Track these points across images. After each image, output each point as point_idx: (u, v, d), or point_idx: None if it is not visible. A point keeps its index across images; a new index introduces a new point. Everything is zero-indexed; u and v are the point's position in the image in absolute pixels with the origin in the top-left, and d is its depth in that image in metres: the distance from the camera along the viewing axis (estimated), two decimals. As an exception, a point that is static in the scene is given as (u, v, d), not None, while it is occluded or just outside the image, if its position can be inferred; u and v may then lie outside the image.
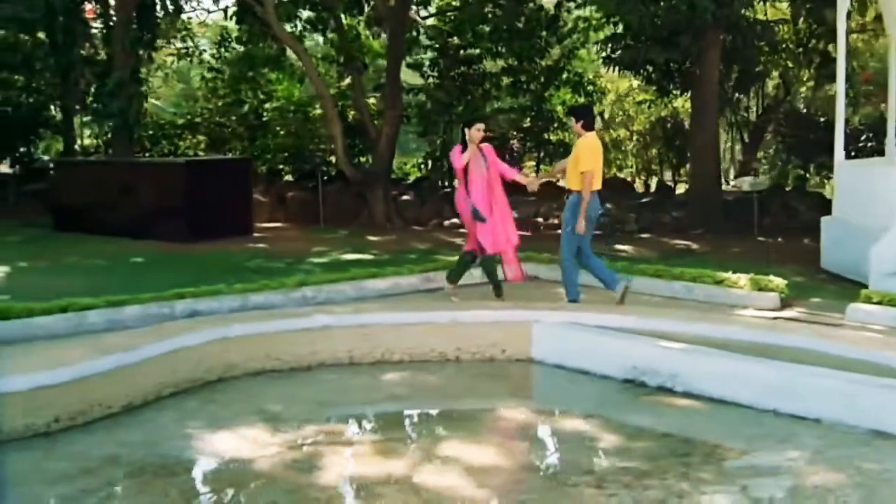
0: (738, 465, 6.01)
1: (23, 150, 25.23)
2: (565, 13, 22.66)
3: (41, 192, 22.74)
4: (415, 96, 23.71)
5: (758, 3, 22.32)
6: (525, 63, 22.87)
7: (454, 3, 23.66)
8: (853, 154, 16.20)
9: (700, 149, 19.72)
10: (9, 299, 10.11)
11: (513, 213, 10.84)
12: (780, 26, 23.04)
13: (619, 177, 26.15)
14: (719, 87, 19.90)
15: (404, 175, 26.19)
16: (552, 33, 22.32)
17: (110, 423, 6.64)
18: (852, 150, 15.81)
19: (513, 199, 18.27)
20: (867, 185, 12.90)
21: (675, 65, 19.76)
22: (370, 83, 24.77)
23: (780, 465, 5.91)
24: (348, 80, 24.04)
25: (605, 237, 17.79)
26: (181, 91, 34.62)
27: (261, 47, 23.33)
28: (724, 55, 19.60)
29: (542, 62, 23.34)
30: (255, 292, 9.90)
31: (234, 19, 22.18)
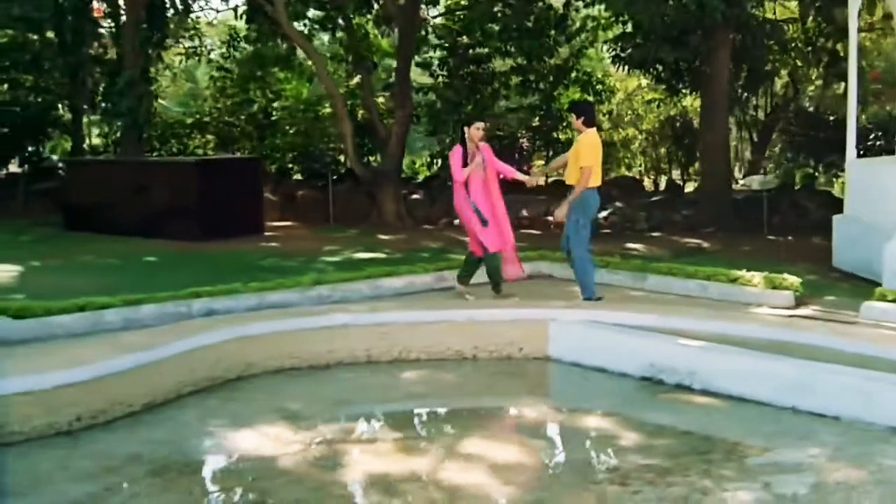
0: (759, 462, 6.03)
1: (31, 149, 25.18)
2: (573, 12, 22.65)
3: (50, 191, 22.82)
4: (424, 95, 23.71)
5: (767, 2, 22.35)
6: (534, 62, 22.87)
7: (463, 2, 23.66)
8: (862, 153, 16.20)
9: (710, 147, 19.73)
10: (23, 298, 10.11)
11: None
12: (789, 25, 23.03)
13: (627, 175, 26.15)
14: (728, 87, 19.89)
15: (413, 174, 26.21)
16: (560, 32, 22.32)
17: (132, 422, 6.63)
18: (861, 148, 15.84)
19: (524, 198, 18.55)
20: (879, 184, 12.89)
21: (684, 64, 19.75)
22: (378, 83, 24.78)
23: (801, 462, 5.92)
24: (357, 80, 24.10)
25: (614, 236, 17.85)
26: (189, 90, 34.69)
27: (270, 46, 23.35)
28: (734, 54, 19.60)
29: (551, 61, 23.35)
30: (271, 291, 9.91)
31: (245, 18, 22.17)
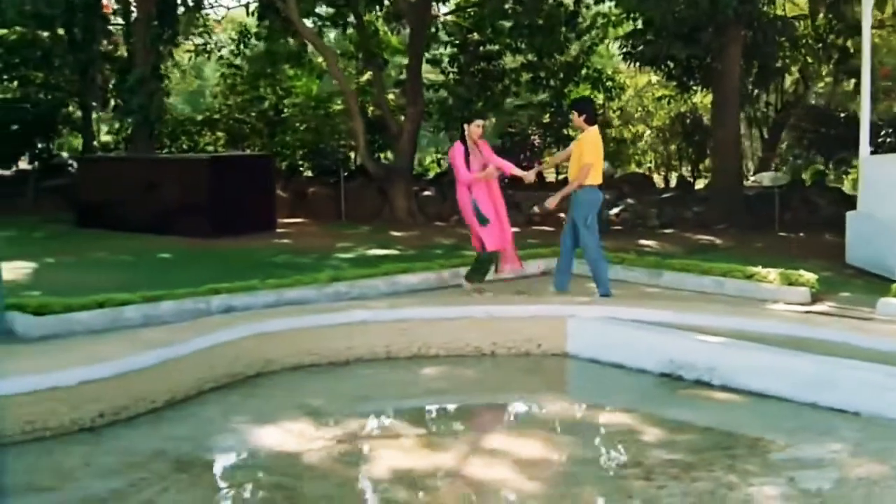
0: (782, 457, 6.06)
1: (41, 146, 25.13)
2: (584, 9, 22.64)
3: (60, 188, 22.86)
4: (435, 92, 23.71)
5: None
6: (544, 59, 22.82)
7: (473, -1, 23.67)
8: (872, 150, 16.15)
9: (721, 144, 19.71)
10: (39, 295, 10.12)
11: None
12: (799, 22, 23.00)
13: (637, 172, 26.13)
14: (739, 83, 19.87)
15: (424, 171, 26.21)
16: (571, 29, 22.30)
17: (154, 418, 6.66)
18: (871, 145, 15.79)
19: (536, 195, 18.52)
20: (893, 180, 12.88)
21: (695, 60, 19.74)
22: (388, 80, 24.78)
23: (823, 458, 5.95)
24: (367, 77, 24.10)
25: (626, 232, 17.86)
26: (197, 87, 34.72)
27: (281, 43, 23.36)
28: (745, 51, 19.58)
29: (562, 58, 23.31)
30: (289, 288, 9.92)
31: (256, 15, 22.19)
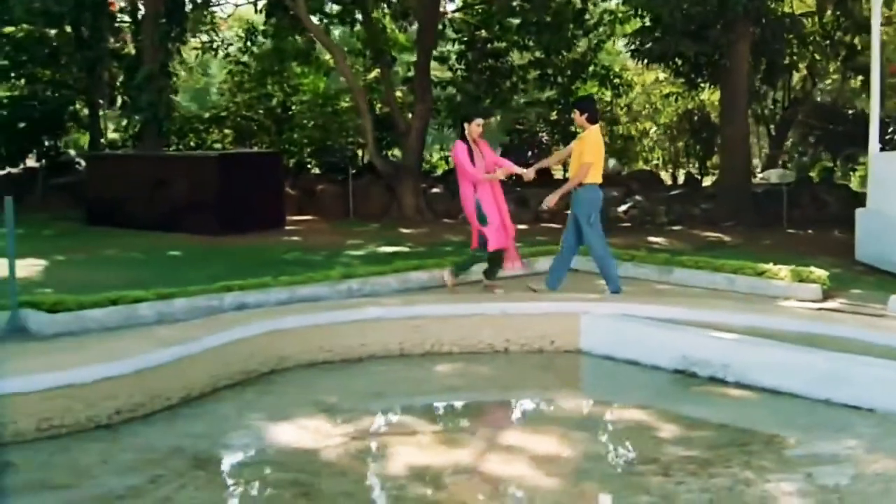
0: (798, 453, 6.09)
1: (49, 144, 25.12)
2: (591, 6, 22.64)
3: (68, 185, 22.91)
4: (443, 90, 23.70)
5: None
6: (552, 56, 22.80)
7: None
8: (881, 147, 16.10)
9: (730, 141, 19.68)
10: (51, 293, 10.14)
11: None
12: (807, 19, 22.98)
13: (645, 169, 26.15)
14: (747, 80, 19.86)
15: (432, 168, 26.21)
16: (579, 26, 22.29)
17: (170, 415, 6.68)
18: (879, 142, 15.76)
19: (544, 192, 18.48)
20: (903, 177, 12.89)
21: (704, 58, 19.72)
22: (396, 77, 24.77)
23: (839, 454, 5.97)
24: (374, 74, 24.10)
25: (634, 229, 17.87)
26: (203, 84, 34.69)
27: (289, 41, 23.36)
28: (753, 48, 19.57)
29: (569, 55, 23.29)
30: (301, 285, 9.91)
31: (264, 13, 22.19)
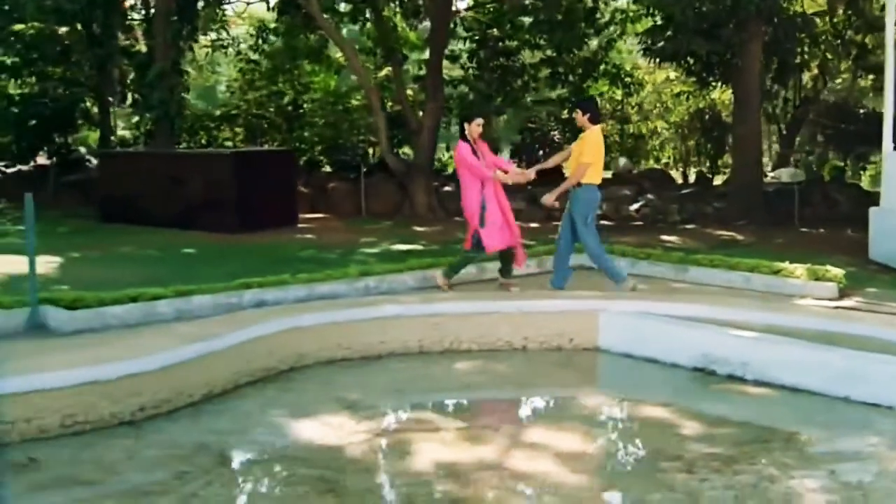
0: (820, 450, 6.12)
1: (60, 141, 25.16)
2: (603, 5, 22.64)
3: (79, 182, 23.00)
4: (454, 88, 23.72)
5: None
6: (563, 55, 22.78)
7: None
8: (895, 146, 16.02)
9: (742, 140, 19.69)
10: (68, 289, 10.17)
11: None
12: (819, 18, 22.97)
13: (657, 168, 26.16)
14: (759, 79, 19.86)
15: (443, 166, 26.23)
16: (590, 25, 22.29)
17: (193, 412, 6.72)
18: (893, 141, 15.69)
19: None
20: (917, 176, 12.89)
21: (715, 57, 19.73)
22: (407, 75, 24.78)
23: (861, 451, 5.99)
24: (385, 72, 24.12)
25: (647, 228, 17.88)
26: (213, 82, 34.70)
27: (301, 39, 23.39)
28: (765, 47, 19.57)
29: (580, 54, 23.29)
30: (320, 282, 9.93)
31: (277, 11, 22.21)
